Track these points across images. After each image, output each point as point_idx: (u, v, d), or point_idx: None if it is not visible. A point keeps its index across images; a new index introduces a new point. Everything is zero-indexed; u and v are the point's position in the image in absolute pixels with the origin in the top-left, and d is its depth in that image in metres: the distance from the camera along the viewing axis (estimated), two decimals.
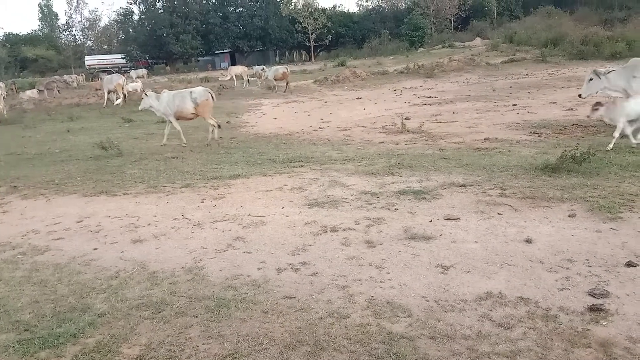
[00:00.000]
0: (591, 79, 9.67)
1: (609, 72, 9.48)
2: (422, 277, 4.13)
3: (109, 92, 24.04)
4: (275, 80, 25.64)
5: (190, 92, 11.89)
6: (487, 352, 3.08)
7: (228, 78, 28.66)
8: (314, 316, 3.63)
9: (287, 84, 25.14)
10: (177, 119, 11.86)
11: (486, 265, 4.26)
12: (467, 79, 23.93)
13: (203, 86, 14.27)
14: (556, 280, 3.91)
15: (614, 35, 28.31)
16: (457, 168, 7.60)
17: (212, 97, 11.89)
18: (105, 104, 23.85)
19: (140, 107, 12.49)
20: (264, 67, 29.66)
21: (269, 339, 3.38)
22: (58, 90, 28.85)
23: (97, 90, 24.82)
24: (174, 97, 11.79)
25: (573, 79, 19.07)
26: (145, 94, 12.42)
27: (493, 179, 6.83)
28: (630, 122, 7.87)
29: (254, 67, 33.74)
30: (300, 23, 60.29)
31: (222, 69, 55.65)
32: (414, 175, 7.39)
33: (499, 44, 36.46)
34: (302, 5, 63.97)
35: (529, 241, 4.67)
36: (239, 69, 29.21)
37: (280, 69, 26.52)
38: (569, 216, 5.23)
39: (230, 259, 4.82)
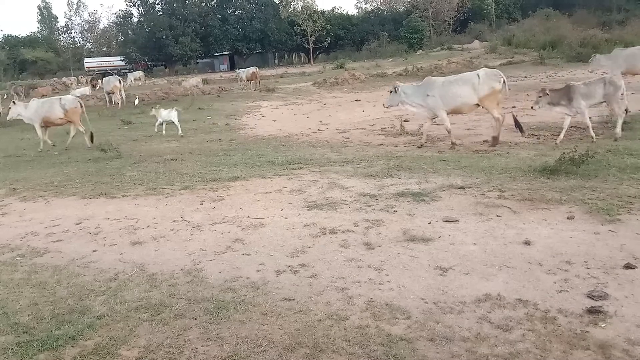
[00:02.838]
0: (391, 92, 10.29)
1: (404, 88, 10.19)
2: (421, 279, 4.14)
3: (108, 94, 24.73)
4: (247, 80, 29.32)
5: (60, 99, 13.07)
6: (486, 354, 3.08)
7: (189, 85, 29.33)
8: (313, 318, 3.64)
9: (257, 82, 28.56)
10: (46, 125, 12.89)
11: (485, 267, 4.26)
12: None
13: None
14: (555, 282, 3.92)
15: (612, 37, 28.38)
16: (455, 170, 7.61)
17: (81, 105, 13.04)
18: (107, 105, 24.33)
19: (8, 117, 13.46)
20: (240, 69, 32.91)
21: (268, 341, 3.38)
22: (23, 95, 29.56)
23: (43, 95, 25.21)
24: (42, 105, 12.84)
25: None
26: (13, 103, 13.75)
27: (492, 181, 6.84)
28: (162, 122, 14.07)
29: (235, 70, 37.67)
30: (299, 25, 60.28)
31: (221, 71, 55.92)
32: (412, 177, 7.40)
33: (498, 46, 36.52)
34: (301, 8, 64.03)
35: (527, 243, 4.68)
36: (193, 81, 30.58)
37: (251, 69, 30.29)
38: (568, 218, 5.24)
39: (229, 261, 4.82)
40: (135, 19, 65.41)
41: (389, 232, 5.23)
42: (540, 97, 9.18)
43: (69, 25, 76.51)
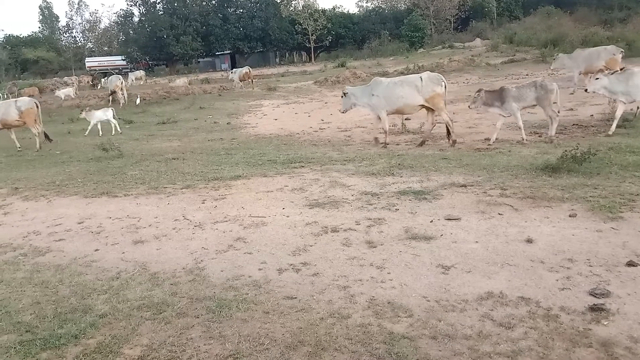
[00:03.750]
0: (342, 97, 10.74)
1: (353, 91, 10.60)
2: (423, 277, 4.14)
3: (112, 93, 24.94)
4: (240, 80, 28.42)
5: (15, 101, 13.32)
6: (488, 352, 3.08)
7: (176, 85, 29.43)
8: (315, 316, 3.64)
9: (251, 81, 28.15)
10: (3, 127, 13.12)
11: (487, 265, 4.26)
12: (467, 79, 23.92)
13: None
14: (557, 280, 3.91)
15: (613, 35, 28.30)
16: (457, 168, 7.60)
17: (37, 106, 13.13)
18: (109, 104, 24.46)
19: None
20: (234, 69, 32.40)
21: (270, 339, 3.38)
22: (17, 94, 29.82)
23: (30, 96, 25.46)
24: (0, 107, 13.07)
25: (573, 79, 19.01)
26: None
27: (493, 179, 6.84)
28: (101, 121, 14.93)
29: (230, 70, 37.62)
30: (300, 24, 60.19)
31: (223, 70, 55.97)
32: (414, 175, 7.39)
33: (499, 44, 36.41)
34: (302, 7, 63.96)
35: (529, 241, 4.67)
36: (180, 82, 30.59)
37: (244, 69, 29.75)
38: (570, 216, 5.24)
39: (231, 259, 4.82)
40: (136, 19, 65.40)
41: (391, 231, 5.23)
42: (476, 96, 9.58)
43: (70, 25, 76.47)
